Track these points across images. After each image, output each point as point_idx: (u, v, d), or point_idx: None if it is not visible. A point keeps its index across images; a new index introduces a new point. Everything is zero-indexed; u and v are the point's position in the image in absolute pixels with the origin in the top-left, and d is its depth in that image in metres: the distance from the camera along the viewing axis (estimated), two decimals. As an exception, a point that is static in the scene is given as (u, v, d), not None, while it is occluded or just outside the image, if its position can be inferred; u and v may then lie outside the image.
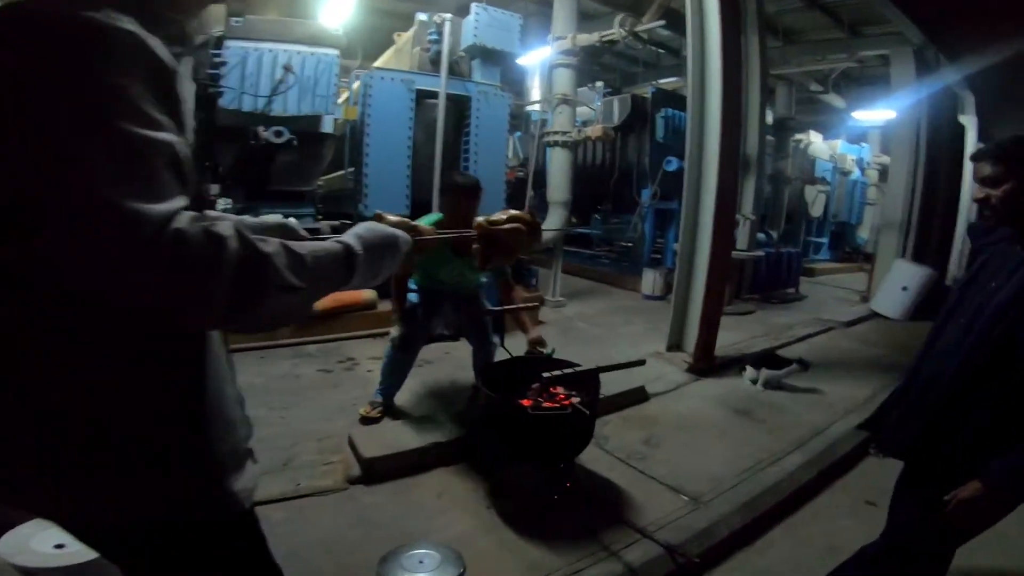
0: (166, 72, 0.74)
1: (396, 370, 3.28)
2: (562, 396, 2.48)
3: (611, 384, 3.77)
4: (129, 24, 0.70)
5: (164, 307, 0.69)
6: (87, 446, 0.79)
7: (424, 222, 2.85)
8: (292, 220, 1.21)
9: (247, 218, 1.13)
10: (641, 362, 2.77)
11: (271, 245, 0.75)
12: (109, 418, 0.79)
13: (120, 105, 0.67)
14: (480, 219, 1.46)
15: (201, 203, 0.84)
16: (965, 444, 1.46)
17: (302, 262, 0.79)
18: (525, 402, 2.37)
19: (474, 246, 1.46)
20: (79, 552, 1.44)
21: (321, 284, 0.85)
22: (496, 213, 1.51)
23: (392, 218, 1.24)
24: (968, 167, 8.66)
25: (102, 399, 0.79)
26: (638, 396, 3.76)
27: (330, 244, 0.89)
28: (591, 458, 2.94)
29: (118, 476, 0.80)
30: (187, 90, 0.80)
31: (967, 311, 1.53)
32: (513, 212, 1.51)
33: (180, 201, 0.70)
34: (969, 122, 8.44)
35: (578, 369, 2.61)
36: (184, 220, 0.67)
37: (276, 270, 0.74)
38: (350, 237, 0.93)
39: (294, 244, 0.80)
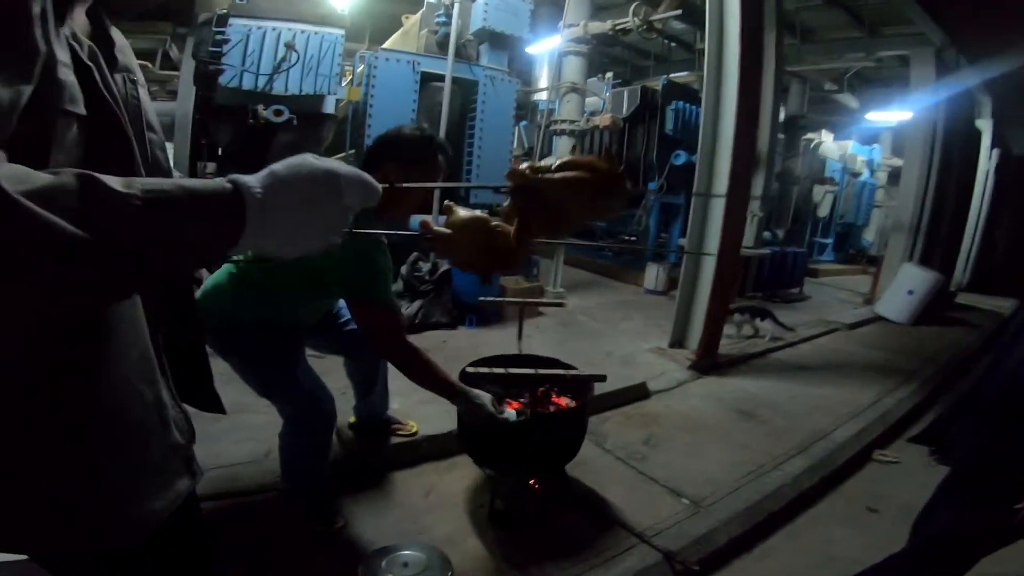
0: None
1: None
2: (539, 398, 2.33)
3: (612, 380, 3.70)
4: None
5: None
6: None
7: None
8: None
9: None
10: (602, 377, 2.54)
11: (51, 179, 0.49)
12: None
13: None
14: (523, 166, 0.96)
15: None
16: None
17: (117, 206, 0.51)
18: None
19: (505, 203, 0.97)
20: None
21: (168, 240, 0.55)
22: (548, 158, 1.03)
23: (464, 213, 0.88)
24: (982, 171, 8.57)
25: None
26: (639, 393, 3.67)
27: (207, 182, 0.59)
28: (590, 456, 2.85)
29: None
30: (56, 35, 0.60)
31: None
32: (575, 157, 1.01)
33: None
34: (985, 126, 8.32)
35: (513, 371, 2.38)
36: None
37: (26, 215, 0.45)
38: (254, 176, 0.62)
39: (121, 181, 0.52)
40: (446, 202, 0.96)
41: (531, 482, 2.37)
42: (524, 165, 0.97)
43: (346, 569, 1.82)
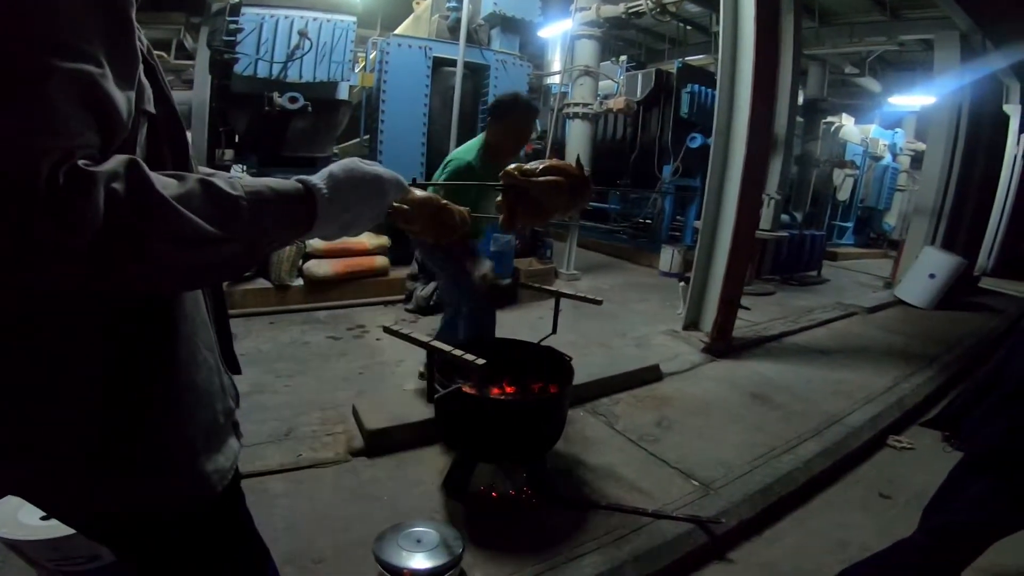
0: None
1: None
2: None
3: (625, 362, 3.72)
4: None
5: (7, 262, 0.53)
6: (23, 436, 0.70)
7: (461, 151, 2.68)
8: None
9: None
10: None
11: (182, 184, 0.60)
12: (35, 405, 0.69)
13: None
14: (512, 167, 1.20)
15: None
16: None
17: (232, 206, 0.64)
18: (468, 389, 2.16)
19: (498, 199, 1.20)
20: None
21: (265, 233, 0.69)
22: (534, 161, 1.24)
23: (419, 193, 0.99)
24: (1009, 156, 8.35)
25: (21, 385, 0.68)
26: (652, 375, 3.68)
27: (285, 183, 0.73)
28: (602, 437, 2.88)
29: (60, 470, 0.72)
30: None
31: None
32: (553, 161, 1.23)
33: (84, 139, 0.56)
34: (1014, 111, 8.10)
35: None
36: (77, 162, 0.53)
37: (178, 217, 0.58)
38: (318, 176, 0.77)
39: (227, 183, 0.65)
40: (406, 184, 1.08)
41: (524, 489, 2.35)
42: (513, 166, 1.19)
43: (362, 543, 1.87)
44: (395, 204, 0.92)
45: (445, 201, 1.03)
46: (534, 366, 2.43)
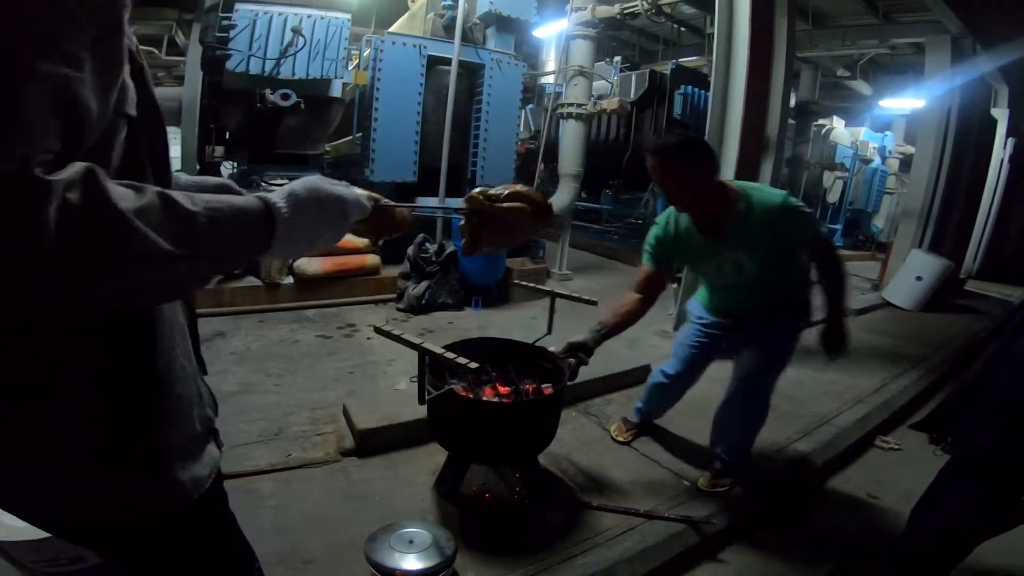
0: None
1: (659, 393, 2.85)
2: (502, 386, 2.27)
3: (617, 362, 3.72)
4: None
5: None
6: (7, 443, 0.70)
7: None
8: (231, 182, 1.02)
9: (182, 176, 0.94)
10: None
11: (140, 197, 0.58)
12: (15, 413, 0.68)
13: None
14: (476, 191, 1.22)
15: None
16: None
17: (190, 223, 0.61)
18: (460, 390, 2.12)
19: (461, 223, 1.21)
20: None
21: (222, 250, 0.67)
22: (499, 186, 1.26)
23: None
24: (996, 160, 8.45)
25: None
26: (644, 375, 3.67)
27: (245, 200, 0.71)
28: (595, 438, 2.88)
29: (40, 475, 0.72)
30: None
31: None
32: (519, 187, 1.25)
33: (45, 145, 0.54)
34: (1001, 115, 8.18)
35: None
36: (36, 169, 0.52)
37: (133, 230, 0.55)
38: (279, 194, 0.75)
39: (186, 198, 0.62)
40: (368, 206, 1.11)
41: (518, 489, 2.35)
42: (478, 190, 1.21)
43: (353, 544, 1.86)
44: None
45: (386, 200, 1.04)
46: (528, 367, 2.41)
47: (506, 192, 1.22)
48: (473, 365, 1.84)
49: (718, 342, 2.62)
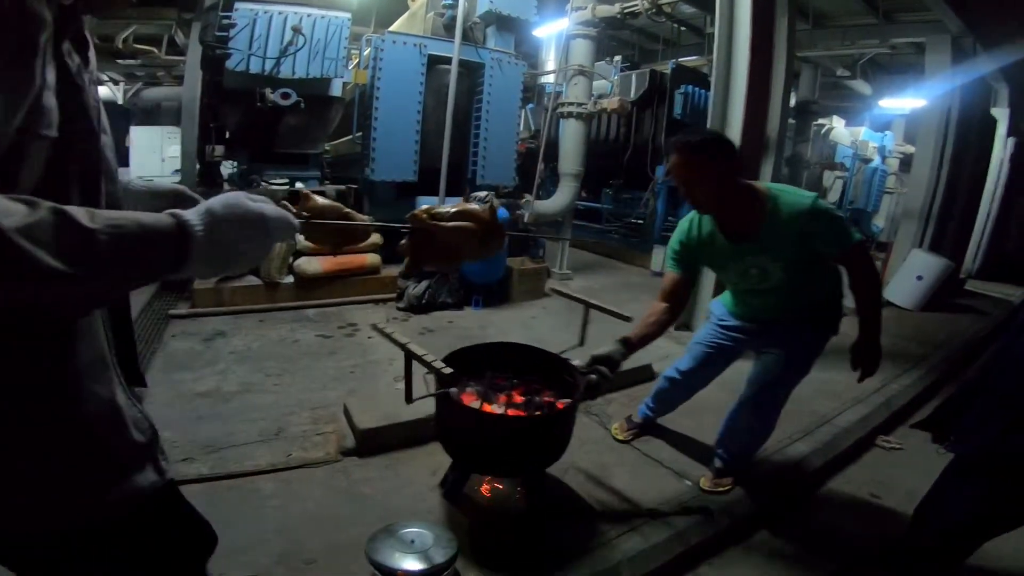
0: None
1: (669, 389, 2.82)
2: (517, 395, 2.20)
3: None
4: None
5: None
6: None
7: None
8: (185, 188, 0.99)
9: (135, 181, 0.92)
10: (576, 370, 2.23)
11: (31, 213, 0.55)
12: None
13: None
14: (421, 209, 1.18)
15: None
16: None
17: (88, 240, 0.59)
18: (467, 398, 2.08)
19: (402, 242, 1.17)
20: None
21: (123, 270, 0.65)
22: (446, 205, 1.22)
23: (321, 201, 0.99)
24: (996, 159, 8.45)
25: None
26: (645, 375, 3.68)
27: (155, 218, 0.68)
28: (596, 438, 2.88)
29: None
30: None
31: None
32: (467, 207, 1.22)
33: None
34: (1002, 115, 8.19)
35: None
36: None
37: (16, 250, 0.53)
38: (194, 212, 0.72)
39: (86, 214, 0.60)
40: (302, 190, 1.08)
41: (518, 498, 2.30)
42: (423, 208, 1.17)
43: (354, 544, 1.85)
44: (300, 212, 0.89)
45: (348, 210, 1.01)
46: (553, 378, 2.30)
47: (452, 211, 1.18)
48: (448, 370, 1.80)
49: (737, 346, 2.53)
